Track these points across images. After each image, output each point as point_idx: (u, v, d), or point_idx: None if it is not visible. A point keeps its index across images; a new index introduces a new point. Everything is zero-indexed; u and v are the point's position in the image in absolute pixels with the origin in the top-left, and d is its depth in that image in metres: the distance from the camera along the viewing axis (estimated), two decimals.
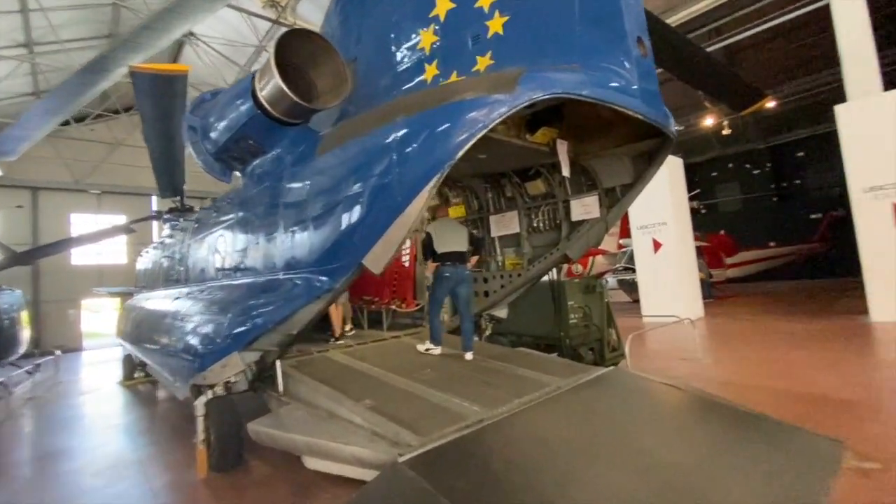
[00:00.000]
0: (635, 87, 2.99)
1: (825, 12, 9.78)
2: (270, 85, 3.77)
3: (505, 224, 5.62)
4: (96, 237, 11.96)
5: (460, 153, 2.49)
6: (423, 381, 4.12)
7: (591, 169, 4.53)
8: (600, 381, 4.21)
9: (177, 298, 6.17)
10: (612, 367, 4.54)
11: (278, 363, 4.27)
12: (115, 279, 17.92)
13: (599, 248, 23.41)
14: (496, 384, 4.04)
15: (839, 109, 9.00)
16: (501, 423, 3.14)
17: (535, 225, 5.36)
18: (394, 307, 6.79)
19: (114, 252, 19.63)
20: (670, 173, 11.39)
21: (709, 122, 18.17)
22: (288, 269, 3.86)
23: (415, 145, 2.69)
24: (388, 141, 2.92)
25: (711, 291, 15.34)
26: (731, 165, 24.64)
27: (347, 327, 7.10)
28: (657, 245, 11.42)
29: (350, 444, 3.01)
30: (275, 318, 3.57)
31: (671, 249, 11.19)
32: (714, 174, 25.41)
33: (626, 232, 14.68)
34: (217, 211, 5.91)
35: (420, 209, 2.68)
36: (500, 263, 5.90)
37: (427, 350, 5.09)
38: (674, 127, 3.62)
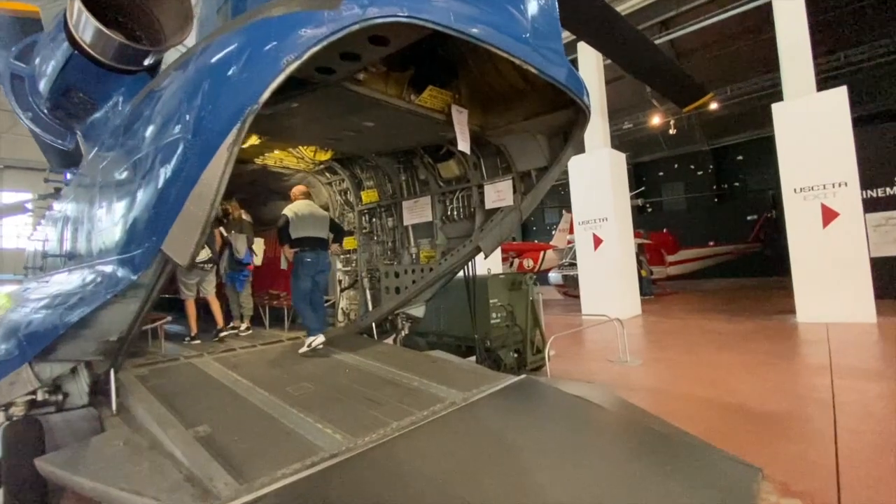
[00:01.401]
0: (534, 37, 2.38)
1: (767, 14, 9.77)
2: (83, 20, 2.88)
3: (418, 211, 4.94)
4: None
5: (264, 95, 1.76)
6: (294, 397, 3.46)
7: (504, 150, 3.93)
8: (505, 393, 3.68)
9: None
10: (523, 377, 3.98)
11: (112, 374, 3.43)
12: (18, 265, 15.85)
13: (550, 243, 23.58)
14: (381, 400, 3.41)
15: (776, 108, 8.98)
16: (358, 458, 2.49)
17: (448, 213, 4.71)
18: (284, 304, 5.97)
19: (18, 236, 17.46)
20: (613, 168, 11.16)
21: (656, 120, 18.32)
22: (98, 258, 2.99)
23: (207, 89, 1.94)
24: (180, 86, 2.15)
25: (651, 289, 15.46)
26: (676, 166, 25.29)
27: (243, 325, 6.23)
28: (598, 241, 11.17)
29: (143, 496, 2.23)
30: (68, 320, 2.71)
31: (611, 246, 10.96)
32: (661, 174, 26.02)
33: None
34: (67, 186, 4.86)
35: (219, 176, 1.94)
36: (413, 256, 5.23)
37: (311, 345, 4.50)
38: (588, 99, 3.06)
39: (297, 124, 3.55)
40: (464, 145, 3.26)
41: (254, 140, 4.12)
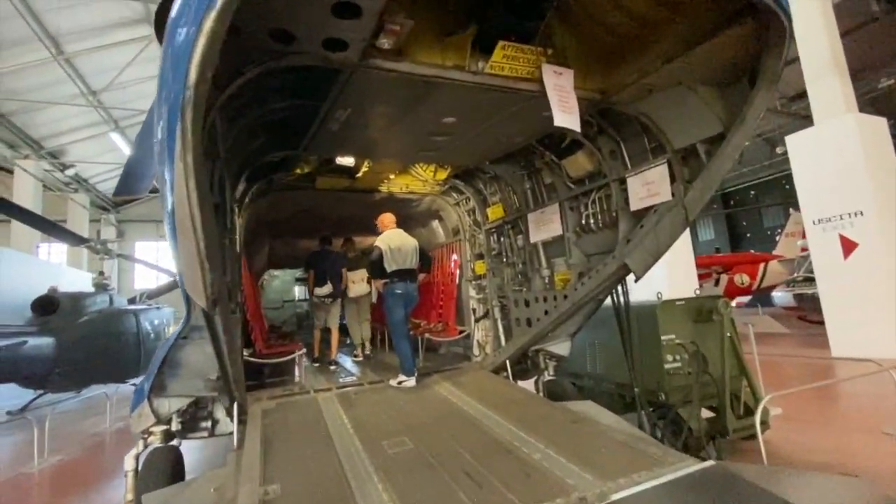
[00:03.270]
0: None
1: None
2: None
3: (546, 224, 3.94)
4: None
5: (192, 74, 1.22)
6: (384, 455, 2.91)
7: (648, 120, 2.68)
8: (675, 490, 2.39)
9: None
10: (710, 463, 2.57)
11: (235, 408, 3.48)
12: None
13: (774, 252, 18.39)
14: (482, 479, 2.57)
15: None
16: None
17: (583, 223, 3.58)
18: (427, 334, 5.52)
19: None
20: (867, 140, 7.77)
21: None
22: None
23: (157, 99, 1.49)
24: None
25: None
26: None
27: (358, 352, 6.36)
28: (849, 246, 7.84)
29: None
30: (158, 359, 2.71)
31: (872, 252, 7.53)
32: None
33: None
34: None
35: (186, 197, 1.47)
36: (546, 280, 4.20)
37: (400, 383, 4.30)
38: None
39: (370, 137, 3.10)
40: (566, 119, 2.24)
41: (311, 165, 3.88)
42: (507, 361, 4.60)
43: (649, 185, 2.81)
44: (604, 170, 3.22)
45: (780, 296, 13.14)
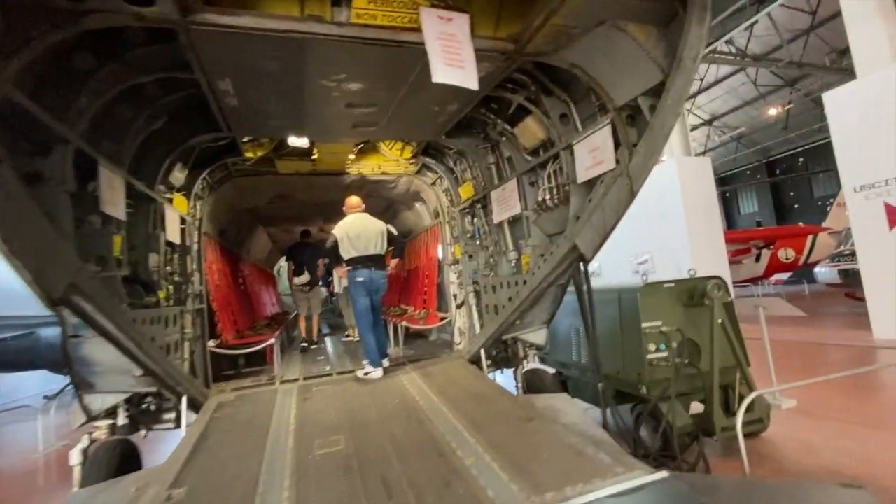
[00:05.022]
0: None
1: None
2: None
3: (506, 201, 3.56)
4: None
5: None
6: (307, 459, 2.75)
7: (583, 73, 2.25)
8: None
9: None
10: (664, 475, 2.20)
11: (184, 403, 3.42)
12: None
13: (824, 224, 16.85)
14: (397, 486, 2.35)
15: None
16: None
17: (539, 199, 3.17)
18: (405, 322, 5.28)
19: None
20: None
21: None
22: None
23: None
24: None
25: None
26: None
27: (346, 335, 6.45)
28: (895, 215, 6.92)
29: None
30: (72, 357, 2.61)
31: None
32: None
33: None
34: None
35: None
36: (513, 263, 3.83)
37: (366, 374, 4.13)
38: None
39: (284, 111, 2.81)
40: (455, 74, 1.86)
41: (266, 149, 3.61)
42: (483, 351, 4.31)
43: (594, 152, 2.39)
44: (553, 136, 2.81)
45: (824, 272, 12.02)
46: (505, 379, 4.81)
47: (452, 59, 1.86)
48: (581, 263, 2.78)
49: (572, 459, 2.45)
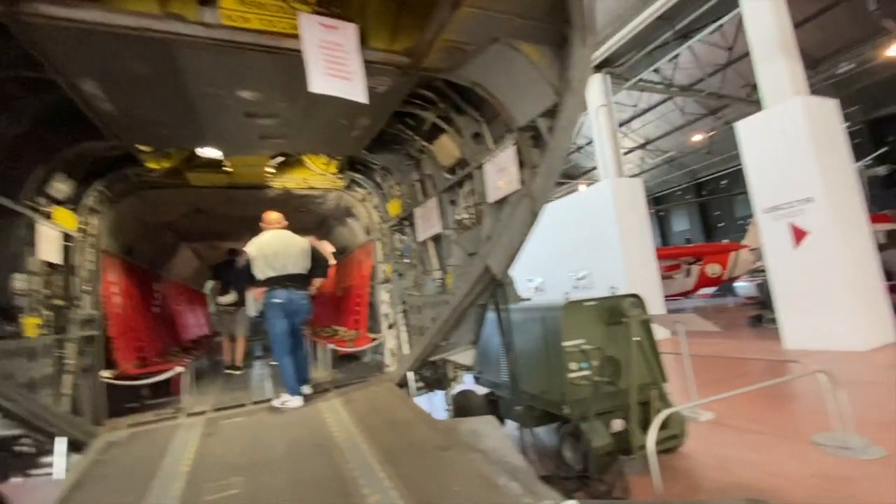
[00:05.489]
0: None
1: None
2: None
3: (428, 219, 3.48)
4: None
5: None
6: None
7: (486, 92, 2.22)
8: None
9: None
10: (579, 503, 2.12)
11: (56, 444, 2.99)
12: None
13: (743, 242, 18.26)
14: None
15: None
16: None
17: (457, 217, 3.12)
18: (331, 345, 5.02)
19: None
20: (816, 124, 7.47)
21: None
22: None
23: None
24: None
25: None
26: None
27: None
28: (799, 234, 7.55)
29: None
30: None
31: (824, 239, 7.25)
32: None
33: None
34: None
35: None
36: (438, 282, 3.73)
37: (283, 404, 3.85)
38: None
39: (172, 120, 2.59)
40: (335, 85, 1.76)
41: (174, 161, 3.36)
42: (411, 374, 4.14)
43: (501, 173, 2.36)
44: (466, 155, 2.76)
45: (743, 286, 12.95)
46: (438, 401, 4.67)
47: (336, 69, 1.74)
48: (495, 284, 2.72)
49: (483, 491, 2.34)
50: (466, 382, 4.66)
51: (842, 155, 7.76)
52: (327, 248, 7.19)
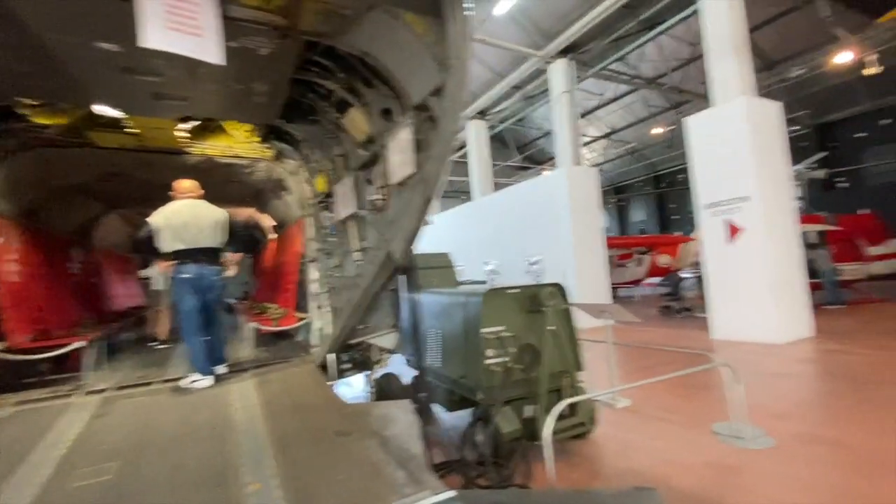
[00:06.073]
0: None
1: None
2: None
3: (346, 197, 3.33)
4: None
5: None
6: (52, 497, 2.27)
7: (378, 64, 2.08)
8: None
9: None
10: (448, 494, 2.10)
11: None
12: None
13: (692, 235, 19.02)
14: None
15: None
16: None
17: (370, 198, 2.99)
18: (253, 323, 4.85)
19: None
20: (757, 125, 7.70)
21: (843, 58, 12.99)
22: None
23: None
24: None
25: (841, 295, 10.84)
26: (884, 122, 18.16)
27: None
28: (734, 231, 7.86)
29: None
30: None
31: (757, 237, 7.57)
32: (859, 135, 19.03)
33: None
34: None
35: None
36: (357, 264, 3.61)
37: (192, 383, 3.68)
38: None
39: (14, 67, 2.31)
40: (183, 43, 1.57)
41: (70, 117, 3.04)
42: (331, 356, 4.04)
43: (402, 154, 2.23)
44: (374, 132, 2.62)
45: (688, 277, 13.51)
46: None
47: (180, 22, 1.55)
48: (396, 269, 2.62)
49: (367, 480, 2.30)
50: (399, 365, 4.61)
51: (780, 157, 8.07)
52: (267, 222, 6.91)
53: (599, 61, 13.48)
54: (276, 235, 6.87)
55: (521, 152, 24.93)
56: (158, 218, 3.63)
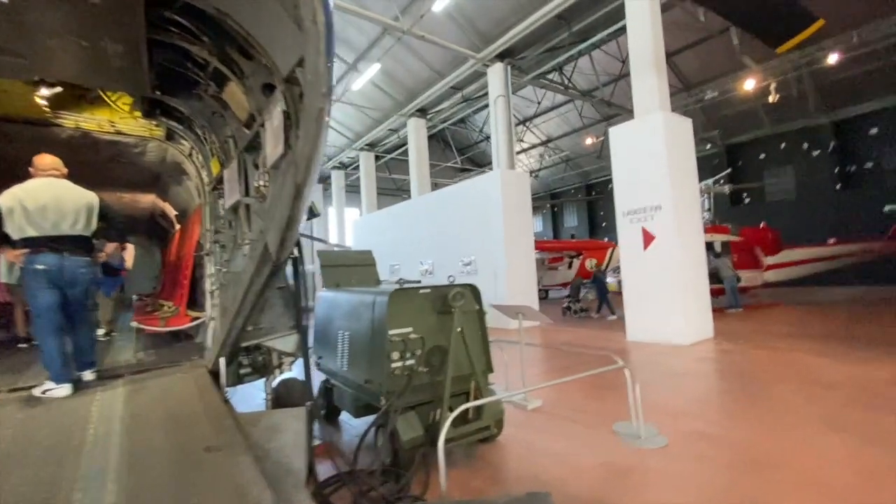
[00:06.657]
0: None
1: None
2: None
3: (233, 183, 3.00)
4: None
5: None
6: None
7: (239, 28, 1.83)
8: None
9: None
10: None
11: None
12: None
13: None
14: None
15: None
16: None
17: (257, 184, 2.70)
18: (135, 323, 4.31)
19: None
20: (670, 139, 8.18)
21: (749, 85, 14.30)
22: None
23: None
24: None
25: (738, 300, 11.88)
26: (783, 145, 20.33)
27: (101, 331, 4.93)
28: (648, 238, 8.29)
29: None
30: None
31: (668, 244, 8.03)
32: (762, 156, 21.15)
33: None
34: None
35: None
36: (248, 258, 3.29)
37: (45, 393, 3.20)
38: None
39: None
40: None
41: None
42: (223, 360, 3.64)
43: (275, 134, 1.98)
44: (253, 109, 2.34)
45: (611, 280, 14.23)
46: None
47: None
48: (274, 264, 2.36)
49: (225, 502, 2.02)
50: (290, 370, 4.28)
51: (690, 170, 8.64)
52: (170, 211, 6.26)
53: (536, 69, 13.82)
54: (178, 225, 6.24)
55: (462, 154, 25.07)
56: (8, 199, 3.06)
